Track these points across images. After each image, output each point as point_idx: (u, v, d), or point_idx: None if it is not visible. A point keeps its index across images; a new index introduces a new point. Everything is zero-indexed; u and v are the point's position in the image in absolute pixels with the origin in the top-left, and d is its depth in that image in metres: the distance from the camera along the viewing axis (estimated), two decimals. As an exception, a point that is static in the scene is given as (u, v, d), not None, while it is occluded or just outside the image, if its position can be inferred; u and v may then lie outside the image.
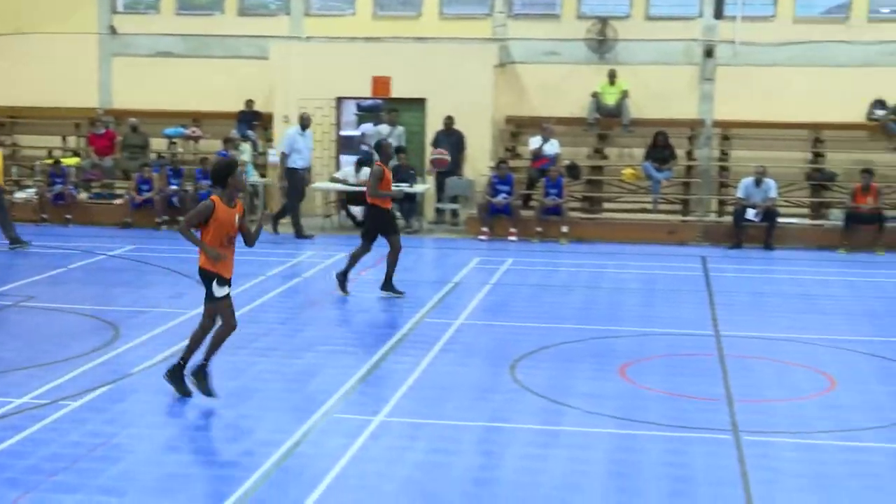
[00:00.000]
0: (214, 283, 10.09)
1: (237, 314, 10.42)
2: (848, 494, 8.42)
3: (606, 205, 23.21)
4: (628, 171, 22.31)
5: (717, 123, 23.57)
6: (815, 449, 9.49)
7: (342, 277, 15.45)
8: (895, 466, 9.09)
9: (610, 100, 23.50)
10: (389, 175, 15.30)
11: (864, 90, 22.71)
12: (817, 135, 23.12)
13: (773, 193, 20.84)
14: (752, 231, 20.70)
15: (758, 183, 20.78)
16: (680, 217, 22.48)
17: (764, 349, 12.87)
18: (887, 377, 11.84)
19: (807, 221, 21.84)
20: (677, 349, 12.87)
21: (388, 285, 15.33)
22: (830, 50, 23.03)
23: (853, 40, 22.94)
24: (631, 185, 22.70)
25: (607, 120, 23.62)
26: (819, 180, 22.40)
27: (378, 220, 15.30)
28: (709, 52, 23.47)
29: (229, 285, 10.21)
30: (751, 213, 20.60)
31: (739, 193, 20.99)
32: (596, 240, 21.04)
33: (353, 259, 15.43)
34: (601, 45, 23.86)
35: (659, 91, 23.51)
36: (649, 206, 22.61)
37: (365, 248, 15.34)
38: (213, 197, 10.07)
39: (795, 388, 11.35)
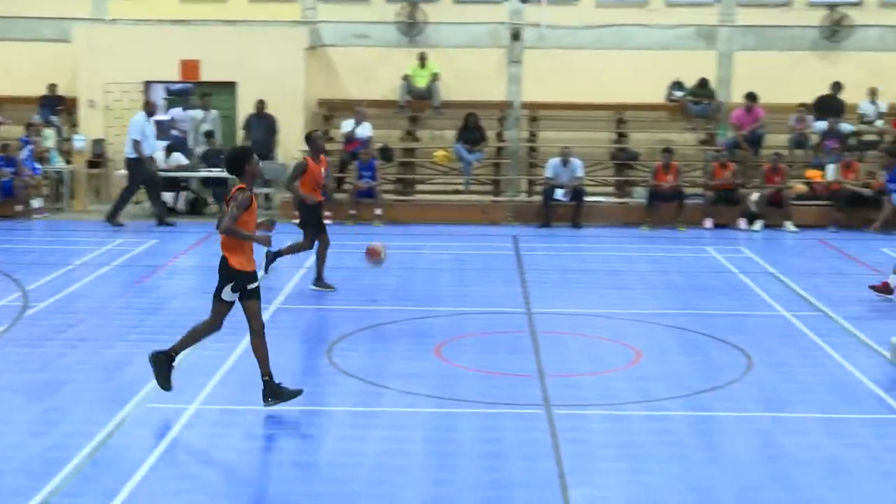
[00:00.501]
0: (229, 286, 9.66)
1: (48, 302, 10.12)
2: (655, 462, 8.77)
3: (419, 187, 23.43)
4: (440, 153, 22.56)
5: (525, 105, 24.07)
6: (623, 420, 9.85)
7: (319, 281, 14.91)
8: (697, 433, 9.51)
9: (421, 82, 23.70)
10: (317, 170, 14.69)
11: (663, 72, 23.55)
12: (620, 115, 23.86)
13: (580, 173, 21.41)
14: (561, 210, 21.23)
15: (565, 163, 21.31)
16: (491, 197, 22.86)
17: (573, 325, 13.26)
18: (689, 348, 12.36)
19: (612, 200, 22.51)
20: (491, 327, 13.13)
21: (319, 281, 14.97)
22: (631, 33, 23.79)
23: (652, 24, 23.75)
24: (443, 166, 22.97)
25: (418, 102, 23.82)
26: (623, 160, 23.13)
27: (306, 215, 14.86)
28: (516, 35, 23.92)
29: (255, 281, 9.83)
30: (559, 193, 21.11)
31: (547, 173, 21.49)
32: (410, 221, 21.22)
33: (290, 250, 15.00)
34: (411, 27, 24.04)
35: (468, 73, 23.85)
36: (461, 188, 22.92)
37: (307, 242, 14.86)
38: (242, 185, 9.60)
39: (603, 361, 11.74)
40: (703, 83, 23.38)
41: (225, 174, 21.18)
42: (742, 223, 20.79)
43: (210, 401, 10.11)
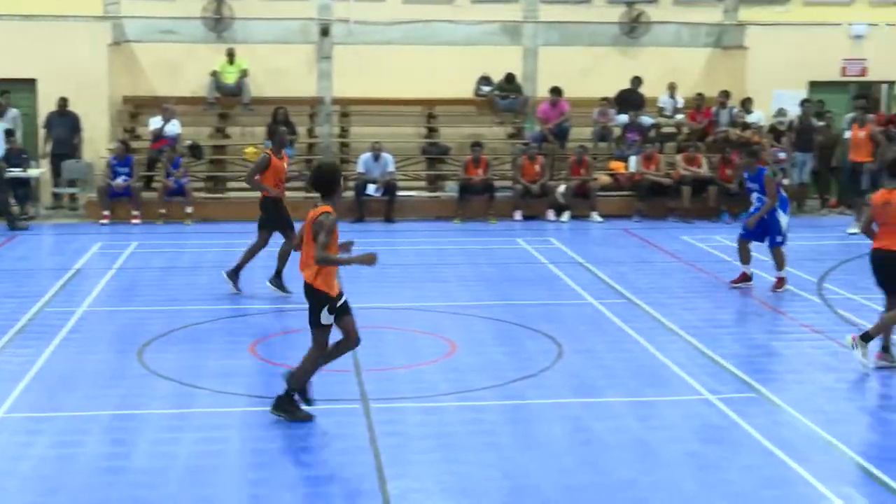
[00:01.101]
0: (325, 310, 9.37)
1: None
2: (470, 451, 8.91)
3: (231, 184, 23.12)
4: (250, 149, 22.30)
5: (336, 101, 24.04)
6: (438, 411, 9.97)
7: (277, 280, 14.43)
8: (511, 421, 9.71)
9: (230, 79, 23.40)
10: (280, 165, 14.44)
11: (471, 67, 23.88)
12: (430, 111, 24.08)
13: (391, 168, 21.53)
14: (374, 205, 21.31)
15: (376, 158, 21.39)
16: (303, 194, 22.71)
17: (389, 319, 13.33)
18: (502, 338, 12.59)
19: (424, 194, 22.71)
20: (306, 324, 13.04)
21: (277, 280, 14.46)
22: (439, 29, 24.03)
23: (459, 20, 24.04)
24: (254, 163, 22.69)
25: (228, 99, 23.52)
26: (434, 154, 23.36)
27: (269, 213, 14.41)
28: (325, 31, 23.87)
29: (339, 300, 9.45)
30: (371, 188, 21.18)
31: (359, 169, 21.52)
32: (221, 219, 20.93)
33: (250, 254, 14.58)
34: (218, 23, 23.71)
35: (278, 70, 23.68)
36: (273, 184, 22.70)
37: (261, 242, 14.54)
38: (328, 208, 9.20)
39: (419, 354, 11.85)
40: (510, 78, 23.80)
41: (27, 173, 20.51)
42: (550, 214, 21.27)
43: (15, 408, 9.78)
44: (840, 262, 16.70)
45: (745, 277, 15.01)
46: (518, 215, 21.27)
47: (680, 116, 23.50)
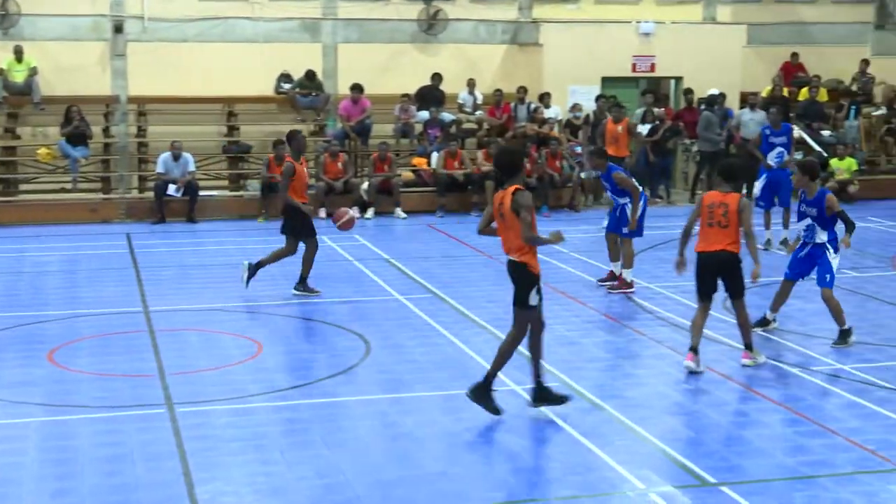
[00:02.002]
0: (534, 290, 9.37)
1: None
2: (281, 451, 8.86)
3: (23, 186, 22.28)
4: (43, 150, 21.59)
5: (132, 99, 23.45)
6: (247, 412, 9.87)
7: (255, 270, 14.33)
8: (321, 419, 9.68)
9: (18, 77, 22.54)
10: (303, 171, 14.33)
11: (271, 65, 23.65)
12: (231, 109, 23.75)
13: (192, 167, 21.14)
14: (175, 205, 20.88)
15: (176, 158, 20.96)
16: (101, 195, 22.12)
17: (194, 321, 13.11)
18: (310, 337, 12.57)
19: (227, 193, 22.38)
20: (107, 329, 12.75)
21: (302, 286, 14.36)
22: (236, 26, 23.72)
23: (257, 17, 23.79)
24: (48, 164, 21.98)
25: (17, 98, 22.64)
26: (235, 153, 23.05)
27: (294, 220, 14.22)
28: (118, 28, 23.24)
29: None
30: (172, 188, 20.75)
31: (159, 169, 21.05)
32: (14, 223, 20.15)
33: (274, 257, 14.46)
34: (4, 19, 22.81)
35: (70, 67, 22.95)
36: (69, 186, 22.03)
37: (289, 248, 14.41)
38: (518, 186, 9.30)
39: (225, 355, 11.69)
40: (311, 75, 23.70)
41: None
42: (355, 212, 21.26)
43: None
44: (640, 250, 17.23)
45: (613, 276, 15.09)
46: (322, 213, 21.19)
47: (480, 112, 23.86)
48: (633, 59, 24.45)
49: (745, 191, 14.02)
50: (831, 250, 11.85)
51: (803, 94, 25.12)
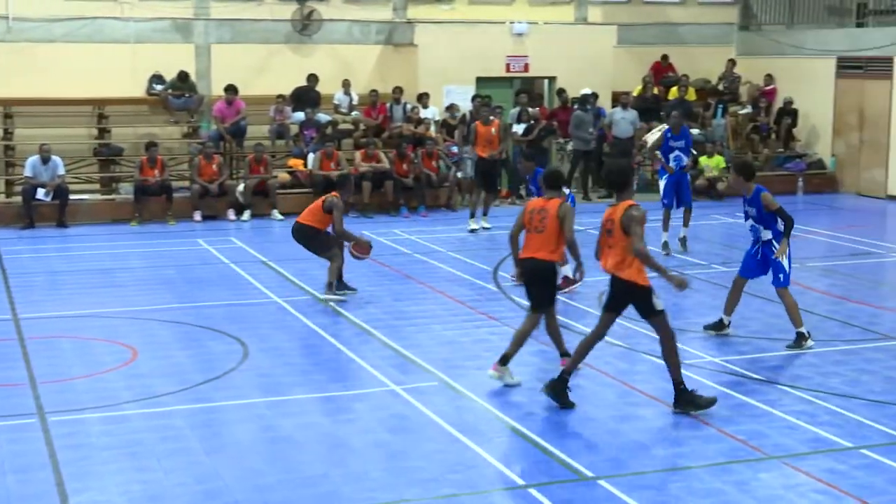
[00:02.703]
0: (653, 298, 9.63)
1: None
2: (157, 458, 8.72)
3: None
4: None
5: (-3, 102, 22.81)
6: (122, 420, 9.68)
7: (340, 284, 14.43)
8: (198, 425, 9.55)
9: None
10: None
11: (142, 66, 23.23)
12: (101, 111, 23.25)
13: (62, 171, 20.64)
14: (44, 210, 20.37)
15: (45, 161, 20.44)
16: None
17: (65, 327, 12.82)
18: (186, 341, 12.38)
19: (98, 196, 21.93)
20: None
21: (339, 284, 14.45)
22: (105, 26, 23.23)
23: (127, 17, 23.33)
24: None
25: None
26: (106, 155, 22.58)
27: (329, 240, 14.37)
28: (-19, 28, 22.59)
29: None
30: (41, 192, 20.24)
31: (27, 172, 20.49)
32: None
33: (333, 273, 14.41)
34: None
35: (-70, 69, 22.22)
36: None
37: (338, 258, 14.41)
38: (631, 202, 9.58)
39: (98, 362, 11.45)
40: (183, 76, 23.34)
41: None
42: (231, 214, 21.06)
43: None
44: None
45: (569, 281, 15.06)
46: (197, 216, 20.91)
47: (355, 113, 23.80)
48: (507, 60, 24.65)
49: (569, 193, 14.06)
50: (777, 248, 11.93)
51: (673, 93, 25.64)
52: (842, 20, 25.73)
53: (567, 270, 14.87)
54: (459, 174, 22.26)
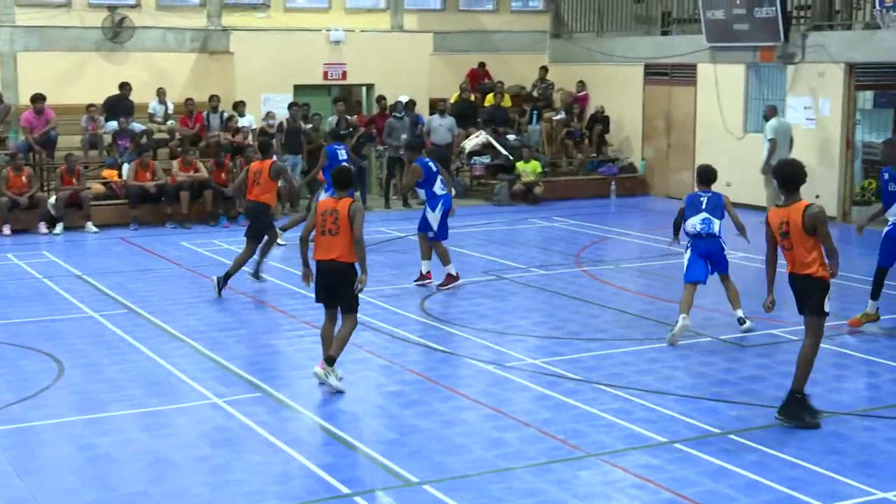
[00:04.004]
0: (826, 298, 9.56)
1: None
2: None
3: None
4: None
5: None
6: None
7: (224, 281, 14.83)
8: (11, 446, 9.21)
9: None
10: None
11: (-56, 74, 22.33)
12: None
13: None
14: None
15: None
16: None
17: None
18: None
19: None
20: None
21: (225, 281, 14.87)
22: None
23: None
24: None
25: None
26: None
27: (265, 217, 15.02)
28: None
29: None
30: None
31: None
32: None
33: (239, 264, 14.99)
34: None
35: None
36: None
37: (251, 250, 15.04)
38: (805, 202, 9.58)
39: None
40: (-12, 85, 22.52)
41: None
42: (42, 227, 20.39)
43: None
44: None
45: (451, 278, 15.29)
46: (7, 230, 20.16)
47: (171, 122, 23.37)
48: (324, 67, 24.61)
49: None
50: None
51: (489, 99, 26.06)
52: (648, 28, 26.59)
53: (451, 269, 15.11)
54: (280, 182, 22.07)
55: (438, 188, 15.32)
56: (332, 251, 10.50)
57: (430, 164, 15.50)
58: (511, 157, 24.36)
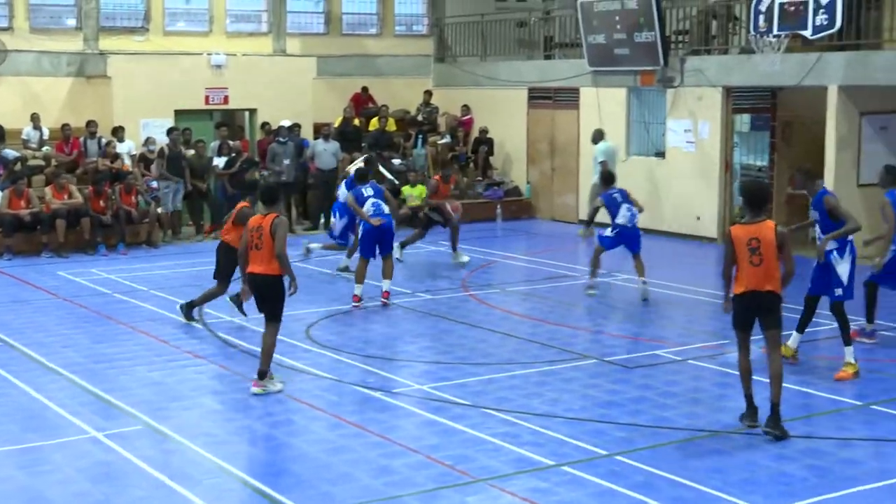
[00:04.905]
0: None
1: None
2: None
3: None
4: None
5: None
6: None
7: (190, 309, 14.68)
8: None
9: None
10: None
11: None
12: None
13: None
14: None
15: None
16: None
17: None
18: None
19: None
20: None
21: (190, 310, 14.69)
22: None
23: None
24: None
25: None
26: None
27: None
28: None
29: None
30: None
31: None
32: None
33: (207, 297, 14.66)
34: None
35: None
36: None
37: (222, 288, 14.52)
38: (773, 223, 9.94)
39: None
40: None
41: None
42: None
43: None
44: (196, 285, 17.07)
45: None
46: None
47: (47, 148, 22.76)
48: (206, 92, 24.26)
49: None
50: None
51: (373, 124, 26.00)
52: (531, 53, 26.84)
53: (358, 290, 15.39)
54: (160, 209, 21.68)
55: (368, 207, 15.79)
56: (258, 265, 11.22)
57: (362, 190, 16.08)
58: (396, 182, 24.29)
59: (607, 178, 16.69)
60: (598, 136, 22.57)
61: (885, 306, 14.12)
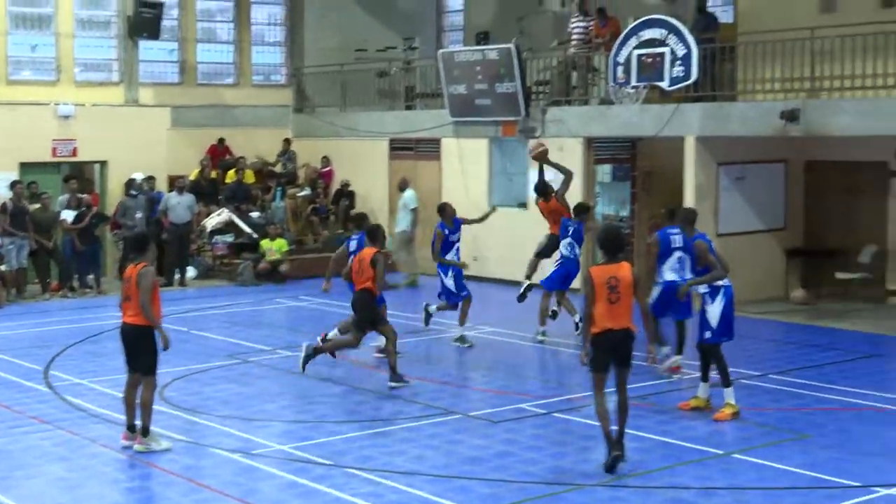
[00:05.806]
0: None
1: None
2: None
3: None
4: None
5: None
6: None
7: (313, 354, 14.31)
8: None
9: None
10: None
11: None
12: None
13: None
14: None
15: None
16: None
17: None
18: None
19: None
20: None
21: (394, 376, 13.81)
22: None
23: None
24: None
25: None
26: None
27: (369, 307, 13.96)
28: None
29: None
30: None
31: None
32: None
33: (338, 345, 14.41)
34: None
35: None
36: None
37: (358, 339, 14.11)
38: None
39: None
40: None
41: None
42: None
43: None
44: (65, 347, 16.31)
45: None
46: None
47: None
48: (53, 143, 23.34)
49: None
50: None
51: (230, 176, 25.45)
52: (392, 103, 26.63)
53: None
54: (3, 267, 20.66)
55: None
56: (127, 315, 11.06)
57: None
58: (255, 235, 23.76)
59: (579, 209, 16.83)
60: (404, 184, 22.55)
61: (748, 355, 14.20)
